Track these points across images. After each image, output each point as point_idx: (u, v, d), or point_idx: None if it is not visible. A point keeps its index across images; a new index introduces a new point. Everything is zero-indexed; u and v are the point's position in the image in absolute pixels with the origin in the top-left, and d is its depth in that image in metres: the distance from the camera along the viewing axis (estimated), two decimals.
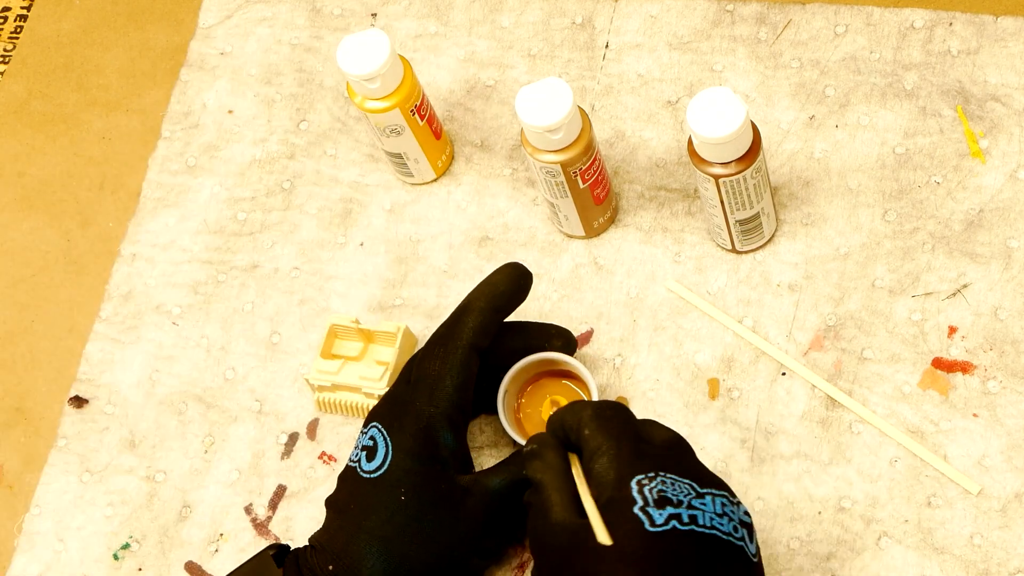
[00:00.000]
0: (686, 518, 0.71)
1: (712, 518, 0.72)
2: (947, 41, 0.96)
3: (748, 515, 0.74)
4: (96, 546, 0.91)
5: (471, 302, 0.84)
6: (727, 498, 0.74)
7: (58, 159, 1.04)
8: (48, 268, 1.01)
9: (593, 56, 1.00)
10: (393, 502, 0.80)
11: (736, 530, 0.73)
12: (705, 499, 0.73)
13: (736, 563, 0.72)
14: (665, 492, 0.72)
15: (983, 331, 0.88)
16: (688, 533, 0.71)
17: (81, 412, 0.95)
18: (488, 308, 0.84)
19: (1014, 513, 0.84)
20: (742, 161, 0.85)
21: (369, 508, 0.80)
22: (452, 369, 0.82)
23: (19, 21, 1.10)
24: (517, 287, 0.85)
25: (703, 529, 0.71)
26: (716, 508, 0.72)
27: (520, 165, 0.98)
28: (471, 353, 0.83)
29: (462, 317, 0.84)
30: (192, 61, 1.05)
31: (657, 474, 0.73)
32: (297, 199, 1.00)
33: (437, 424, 0.81)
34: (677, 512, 0.71)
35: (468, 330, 0.83)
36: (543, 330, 0.88)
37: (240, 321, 0.97)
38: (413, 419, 0.81)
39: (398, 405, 0.83)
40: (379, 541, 0.80)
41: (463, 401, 0.83)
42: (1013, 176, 0.92)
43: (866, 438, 0.87)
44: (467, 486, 0.81)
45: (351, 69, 0.90)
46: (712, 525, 0.72)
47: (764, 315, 0.91)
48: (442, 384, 0.82)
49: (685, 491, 0.72)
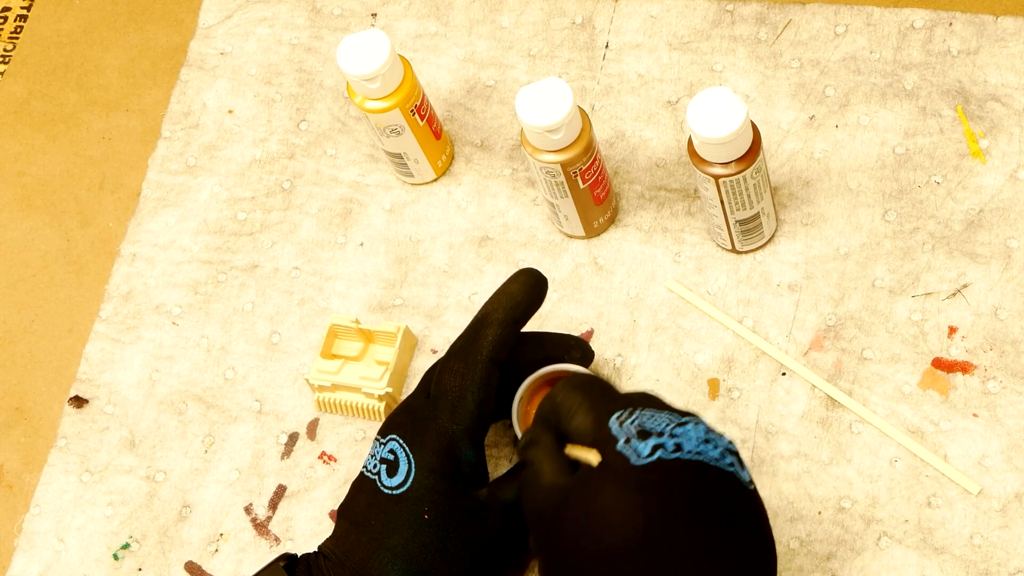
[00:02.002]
0: (671, 446, 0.71)
1: (698, 443, 0.71)
2: (947, 41, 0.96)
3: (733, 444, 0.73)
4: (96, 546, 0.91)
5: (489, 314, 0.83)
6: (708, 426, 0.73)
7: (58, 159, 1.04)
8: (48, 268, 1.01)
9: (593, 56, 1.00)
10: (416, 520, 0.80)
11: (724, 455, 0.72)
12: (687, 426, 0.72)
13: (729, 488, 0.71)
14: (644, 424, 0.72)
15: (983, 331, 0.88)
16: (675, 461, 0.70)
17: (81, 412, 0.95)
18: (507, 320, 0.82)
19: (1014, 513, 0.84)
20: (742, 161, 0.85)
21: (391, 525, 0.80)
22: (473, 385, 0.81)
23: (19, 21, 1.10)
24: (534, 295, 0.84)
25: (690, 455, 0.71)
26: (699, 434, 0.72)
27: (520, 165, 0.98)
28: (491, 368, 0.82)
29: (481, 331, 0.82)
30: (192, 61, 1.05)
31: (634, 410, 0.73)
32: (297, 199, 1.00)
33: (460, 442, 0.81)
34: (660, 441, 0.71)
35: (488, 344, 0.82)
36: (561, 341, 0.87)
37: (240, 321, 0.97)
38: (435, 436, 0.81)
39: (419, 421, 0.82)
40: (402, 560, 0.79)
41: (484, 416, 0.82)
42: (1013, 176, 0.92)
43: (866, 438, 0.87)
44: (485, 502, 0.81)
45: (351, 69, 0.90)
46: (698, 451, 0.71)
47: (764, 315, 0.91)
48: (464, 401, 0.81)
49: (664, 421, 0.72)
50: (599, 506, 0.71)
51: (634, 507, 0.70)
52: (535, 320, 0.93)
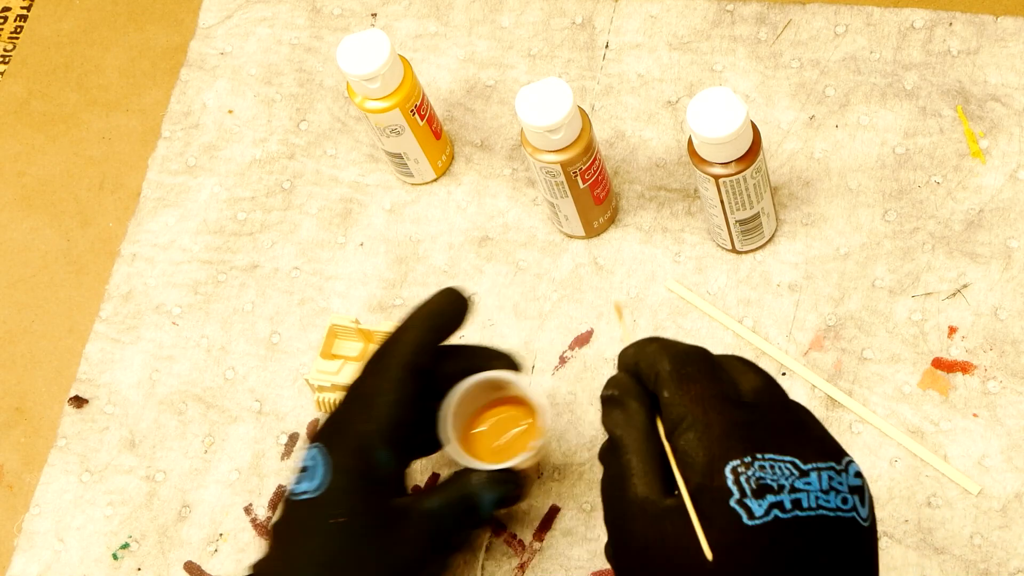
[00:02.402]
0: (788, 504, 0.64)
1: (817, 497, 0.65)
2: (947, 41, 0.96)
3: (859, 475, 0.67)
4: (96, 546, 0.91)
5: (406, 321, 0.81)
6: (833, 469, 0.66)
7: (58, 159, 1.04)
8: (48, 268, 1.01)
9: (593, 56, 1.00)
10: (328, 526, 0.77)
11: (845, 501, 0.65)
12: (810, 477, 0.65)
13: (845, 539, 0.65)
14: (764, 479, 0.64)
15: (983, 331, 0.88)
16: (791, 521, 0.64)
17: (81, 412, 0.95)
18: (424, 327, 0.81)
19: (1014, 513, 0.84)
20: (742, 161, 0.85)
21: (305, 532, 0.77)
22: (387, 384, 0.79)
23: (19, 21, 1.10)
24: (454, 310, 0.82)
25: (808, 512, 0.64)
26: (822, 485, 0.65)
27: (520, 165, 0.98)
28: (407, 371, 0.80)
29: (398, 335, 0.81)
30: (192, 61, 1.05)
31: (754, 458, 0.65)
32: (297, 199, 1.00)
33: (374, 442, 0.78)
34: (778, 500, 0.64)
35: (403, 345, 0.80)
36: (486, 353, 0.84)
37: (240, 321, 0.97)
38: (349, 436, 0.78)
39: (334, 423, 0.80)
40: (316, 568, 0.76)
41: (401, 419, 0.79)
42: (1013, 176, 0.92)
43: (866, 438, 0.87)
44: (404, 509, 0.78)
45: (351, 69, 0.90)
46: (818, 505, 0.65)
47: (764, 315, 0.91)
48: (376, 401, 0.79)
49: (786, 473, 0.65)
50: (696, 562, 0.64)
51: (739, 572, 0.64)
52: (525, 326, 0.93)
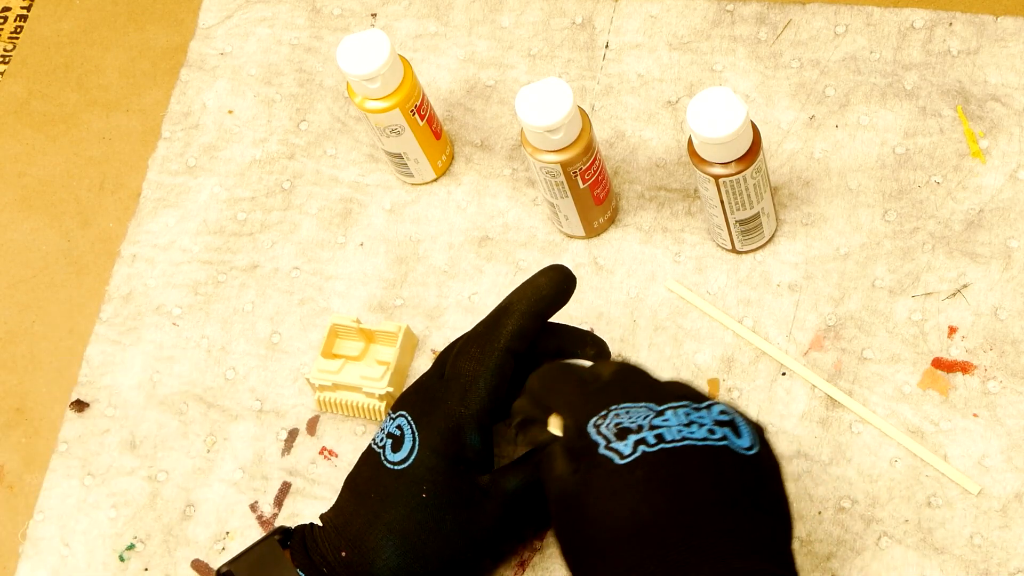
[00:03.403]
0: (652, 439, 0.70)
1: (680, 430, 0.70)
2: (947, 41, 0.96)
3: (726, 412, 0.72)
4: (101, 548, 0.91)
5: (512, 304, 0.83)
6: (690, 407, 0.72)
7: (58, 159, 1.04)
8: (48, 269, 1.01)
9: (593, 56, 1.00)
10: (414, 498, 0.80)
11: (712, 432, 0.71)
12: (666, 415, 0.71)
13: (721, 464, 0.70)
14: (622, 423, 0.71)
15: (983, 331, 0.88)
16: (660, 453, 0.69)
17: (82, 416, 0.95)
18: (529, 312, 0.82)
19: (1014, 513, 0.84)
20: (742, 161, 0.85)
21: (389, 500, 0.80)
22: (487, 371, 0.81)
23: (19, 21, 1.10)
24: (560, 291, 0.83)
25: (673, 444, 0.70)
26: (681, 420, 0.71)
27: (520, 165, 0.98)
28: (507, 356, 0.82)
29: (501, 319, 0.82)
30: (192, 61, 1.05)
31: (608, 409, 0.72)
32: (297, 199, 1.00)
33: (467, 426, 0.81)
34: (641, 437, 0.70)
35: (506, 333, 0.82)
36: (578, 335, 0.86)
37: (240, 321, 0.97)
38: (443, 417, 0.81)
39: (429, 400, 0.82)
40: (397, 535, 0.80)
41: (494, 404, 0.82)
42: (1013, 176, 0.92)
43: (866, 438, 0.87)
44: (486, 488, 0.81)
45: (351, 69, 0.90)
46: (682, 437, 0.70)
47: (764, 315, 0.91)
48: (476, 386, 0.81)
49: (642, 415, 0.71)
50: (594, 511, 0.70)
51: (623, 506, 0.69)
52: None
